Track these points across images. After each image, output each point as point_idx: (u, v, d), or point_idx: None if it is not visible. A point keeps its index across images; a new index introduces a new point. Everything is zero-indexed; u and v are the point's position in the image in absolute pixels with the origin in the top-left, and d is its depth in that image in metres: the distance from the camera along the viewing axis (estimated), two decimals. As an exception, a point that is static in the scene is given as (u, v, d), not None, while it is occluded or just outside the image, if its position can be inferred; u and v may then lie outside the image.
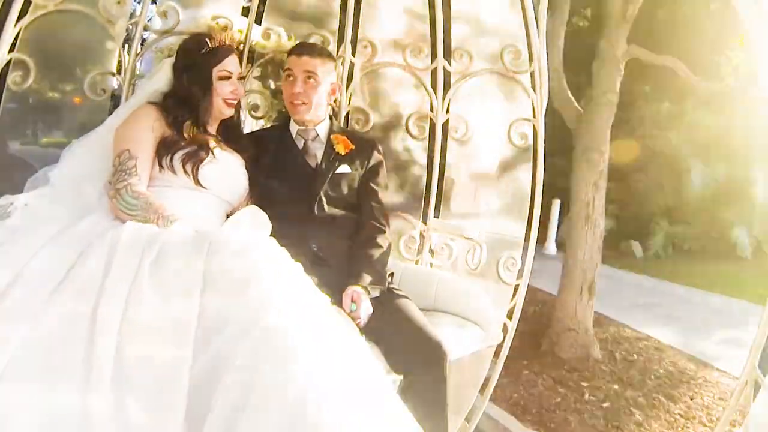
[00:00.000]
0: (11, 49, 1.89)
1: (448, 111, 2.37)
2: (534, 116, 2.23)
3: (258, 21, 2.30)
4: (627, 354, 4.15)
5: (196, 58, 1.73)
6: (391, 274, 1.97)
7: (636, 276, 6.72)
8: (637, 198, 7.74)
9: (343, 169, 1.93)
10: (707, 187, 7.36)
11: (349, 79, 2.42)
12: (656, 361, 4.05)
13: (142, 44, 2.17)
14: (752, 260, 7.14)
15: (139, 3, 2.26)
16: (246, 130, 2.13)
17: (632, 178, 7.73)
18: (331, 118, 2.04)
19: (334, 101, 2.31)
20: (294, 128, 1.96)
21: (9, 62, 1.91)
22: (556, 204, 7.09)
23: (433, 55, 2.36)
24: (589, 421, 3.09)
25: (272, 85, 2.31)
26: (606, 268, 6.73)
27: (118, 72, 2.12)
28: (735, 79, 4.44)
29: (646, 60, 4.42)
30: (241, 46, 2.18)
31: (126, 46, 2.12)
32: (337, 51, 2.37)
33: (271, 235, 1.54)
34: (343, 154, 1.93)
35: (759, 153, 7.08)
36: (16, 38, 1.89)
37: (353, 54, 2.40)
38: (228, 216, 1.75)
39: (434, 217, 2.45)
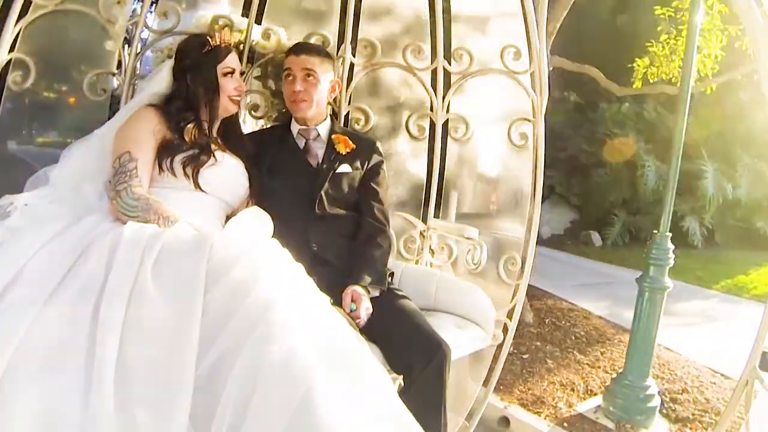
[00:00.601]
0: (11, 49, 1.89)
1: (448, 111, 2.37)
2: (534, 116, 2.23)
3: (258, 21, 2.30)
4: (556, 320, 4.61)
5: (199, 58, 1.73)
6: (391, 274, 1.98)
7: (592, 262, 7.38)
8: (597, 191, 8.57)
9: (344, 168, 1.93)
10: (661, 181, 8.00)
11: (349, 79, 2.42)
12: (581, 326, 4.51)
13: (142, 44, 2.16)
14: (702, 248, 8.02)
15: (139, 3, 2.26)
16: (246, 130, 2.13)
17: (593, 173, 8.59)
18: (331, 118, 2.04)
19: (334, 100, 2.31)
20: (295, 128, 1.97)
21: (9, 62, 1.91)
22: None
23: (433, 55, 2.37)
24: (509, 368, 3.43)
25: (272, 85, 2.31)
26: (565, 254, 7.66)
27: (118, 72, 2.11)
28: (643, 83, 5.04)
29: (568, 69, 4.87)
30: (241, 46, 2.17)
31: (126, 46, 2.11)
32: (337, 51, 2.37)
33: (272, 235, 1.54)
34: (344, 153, 1.93)
35: (708, 149, 8.04)
36: (16, 38, 1.88)
37: (353, 54, 2.41)
38: (228, 217, 1.75)
39: (434, 217, 2.45)
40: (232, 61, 1.77)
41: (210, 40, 1.75)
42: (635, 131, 8.43)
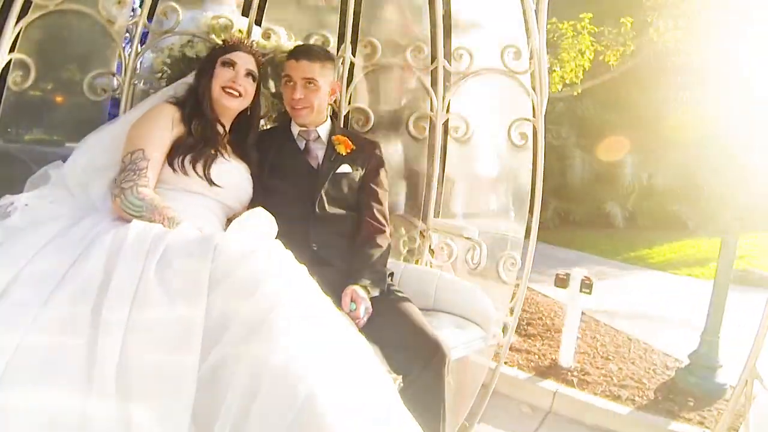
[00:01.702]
0: (11, 49, 1.89)
1: (448, 111, 2.37)
2: (534, 116, 2.23)
3: (258, 21, 2.30)
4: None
5: (210, 53, 1.84)
6: (391, 274, 1.97)
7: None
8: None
9: (344, 169, 1.93)
10: (587, 171, 9.29)
11: (349, 79, 2.42)
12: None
13: (142, 44, 2.16)
14: (623, 229, 9.09)
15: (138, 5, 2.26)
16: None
17: (528, 163, 9.64)
18: (332, 119, 2.04)
19: (335, 101, 2.30)
20: (295, 129, 1.97)
21: (9, 62, 1.91)
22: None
23: (433, 55, 2.36)
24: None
25: (272, 86, 2.31)
26: (502, 235, 8.51)
27: (118, 72, 2.11)
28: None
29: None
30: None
31: (126, 46, 2.11)
32: (338, 51, 2.37)
33: (275, 237, 1.54)
34: (344, 154, 1.93)
35: (630, 142, 9.03)
36: (16, 38, 1.88)
37: (353, 54, 2.40)
38: (229, 220, 1.75)
39: (434, 216, 2.45)
40: (236, 55, 1.78)
41: (225, 40, 1.86)
42: (569, 126, 9.19)
